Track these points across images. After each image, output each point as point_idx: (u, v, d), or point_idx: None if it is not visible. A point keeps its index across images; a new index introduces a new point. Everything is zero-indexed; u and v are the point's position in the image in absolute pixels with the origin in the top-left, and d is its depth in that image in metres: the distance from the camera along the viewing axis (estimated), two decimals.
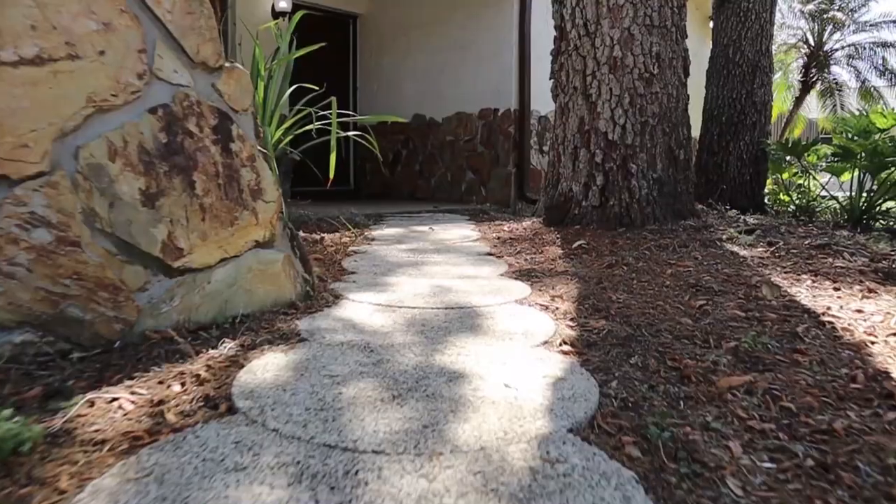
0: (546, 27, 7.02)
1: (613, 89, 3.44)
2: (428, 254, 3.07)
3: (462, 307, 1.96)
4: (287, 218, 3.70)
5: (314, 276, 2.04)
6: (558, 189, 3.73)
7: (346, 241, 3.45)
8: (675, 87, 3.55)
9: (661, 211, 3.50)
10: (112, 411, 1.14)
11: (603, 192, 3.51)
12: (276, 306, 1.86)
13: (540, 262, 2.93)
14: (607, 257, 2.97)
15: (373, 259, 2.87)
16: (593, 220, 3.53)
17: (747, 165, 5.51)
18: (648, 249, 3.07)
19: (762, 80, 5.53)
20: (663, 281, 2.40)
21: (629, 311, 1.98)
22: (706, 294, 2.19)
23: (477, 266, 2.75)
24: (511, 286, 2.31)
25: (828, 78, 11.74)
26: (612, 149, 3.47)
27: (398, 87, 7.89)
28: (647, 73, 3.44)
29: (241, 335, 1.62)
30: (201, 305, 1.71)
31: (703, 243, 3.16)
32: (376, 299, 2.04)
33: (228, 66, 1.75)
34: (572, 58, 3.56)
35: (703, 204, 4.42)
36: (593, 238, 3.35)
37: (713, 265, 2.69)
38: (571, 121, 3.60)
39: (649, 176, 3.49)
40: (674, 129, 3.56)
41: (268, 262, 1.85)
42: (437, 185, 7.45)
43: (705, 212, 3.98)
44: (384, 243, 3.42)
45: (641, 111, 3.46)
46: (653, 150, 3.49)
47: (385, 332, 1.67)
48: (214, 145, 1.70)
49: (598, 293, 2.22)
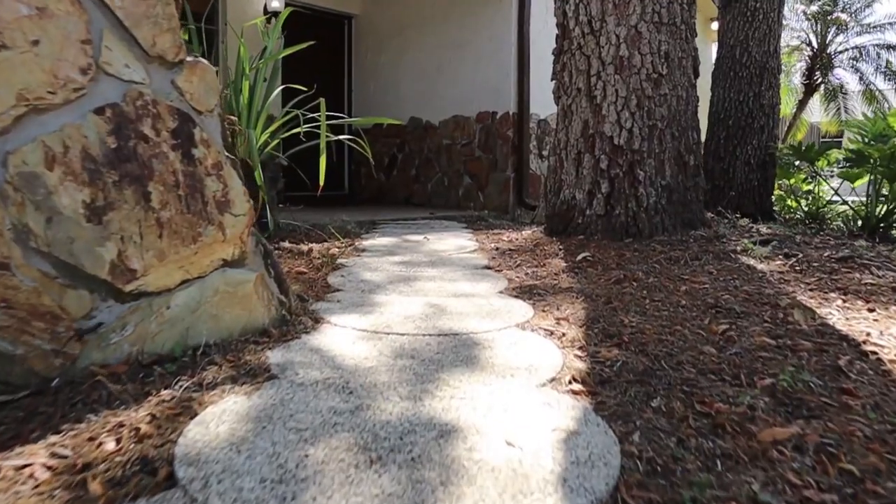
0: (546, 27, 6.82)
1: (619, 91, 3.24)
2: (421, 267, 2.85)
3: (457, 334, 1.74)
4: (274, 226, 3.48)
5: (291, 298, 1.82)
6: (560, 197, 3.52)
7: (335, 252, 3.23)
8: (684, 88, 3.34)
9: (670, 220, 3.29)
10: (20, 482, 0.92)
11: (608, 200, 3.30)
12: (247, 333, 1.64)
13: (542, 276, 2.72)
14: (614, 271, 2.75)
15: (361, 274, 2.65)
16: (598, 230, 3.32)
17: (755, 171, 5.30)
18: (658, 263, 2.86)
19: (770, 81, 5.33)
20: (678, 300, 2.19)
21: (644, 338, 1.76)
22: (728, 316, 1.98)
23: (474, 282, 2.53)
24: (512, 306, 2.10)
25: (831, 81, 11.57)
26: (618, 154, 3.26)
27: (394, 88, 7.68)
28: (656, 73, 3.23)
29: (202, 370, 1.40)
30: (159, 334, 1.49)
31: (716, 256, 2.95)
32: (361, 323, 1.82)
33: (191, 61, 1.53)
34: (575, 57, 3.36)
35: (711, 212, 4.21)
36: (598, 250, 3.14)
37: (731, 281, 2.47)
38: (575, 124, 3.39)
39: (658, 183, 3.28)
40: (683, 133, 3.35)
41: (237, 283, 1.63)
42: (434, 190, 7.24)
43: (715, 221, 3.77)
44: (375, 255, 3.20)
45: (649, 114, 3.25)
46: (661, 156, 3.28)
47: (368, 366, 1.45)
48: (174, 151, 1.49)
49: (607, 315, 2.01)
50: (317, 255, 3.11)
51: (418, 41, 7.35)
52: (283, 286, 1.77)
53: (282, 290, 1.76)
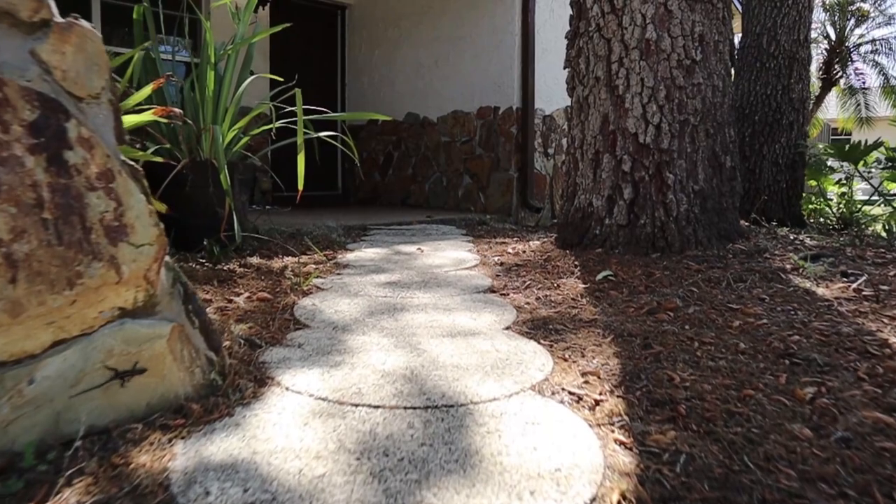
0: (551, 16, 6.34)
1: (646, 80, 2.76)
2: (411, 290, 2.38)
3: (450, 405, 1.27)
4: (241, 238, 3.00)
5: (225, 354, 1.34)
6: (575, 203, 3.05)
7: (312, 269, 2.75)
8: (720, 77, 2.87)
9: (704, 232, 2.81)
10: None
11: (632, 207, 2.82)
12: (156, 411, 1.17)
13: (557, 302, 2.24)
14: (644, 296, 2.28)
15: (337, 301, 2.18)
16: (619, 243, 2.84)
17: (783, 171, 4.82)
18: (696, 285, 2.38)
19: (800, 73, 4.85)
20: (734, 342, 1.71)
21: (707, 407, 1.29)
22: (809, 371, 1.50)
23: (475, 312, 2.06)
24: (523, 352, 1.62)
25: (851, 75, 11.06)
26: (644, 154, 2.79)
27: (390, 82, 7.21)
28: (688, 59, 2.75)
29: (61, 489, 0.93)
30: (13, 422, 1.02)
31: (763, 276, 2.48)
32: (322, 386, 1.35)
33: (62, 23, 1.06)
34: (594, 41, 2.88)
35: (743, 218, 3.74)
36: (621, 267, 2.66)
37: (792, 314, 2.00)
38: (592, 119, 2.91)
39: (689, 188, 2.80)
40: (719, 130, 2.88)
41: (143, 340, 1.16)
42: (432, 190, 6.77)
43: (753, 231, 3.29)
44: (359, 272, 2.73)
45: (680, 107, 2.77)
46: (694, 157, 2.81)
47: (317, 475, 0.98)
48: (33, 155, 1.01)
49: (649, 367, 1.53)
50: (289, 273, 2.64)
51: (415, 33, 6.87)
52: (213, 338, 1.30)
53: (211, 343, 1.29)
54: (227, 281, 2.43)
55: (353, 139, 7.80)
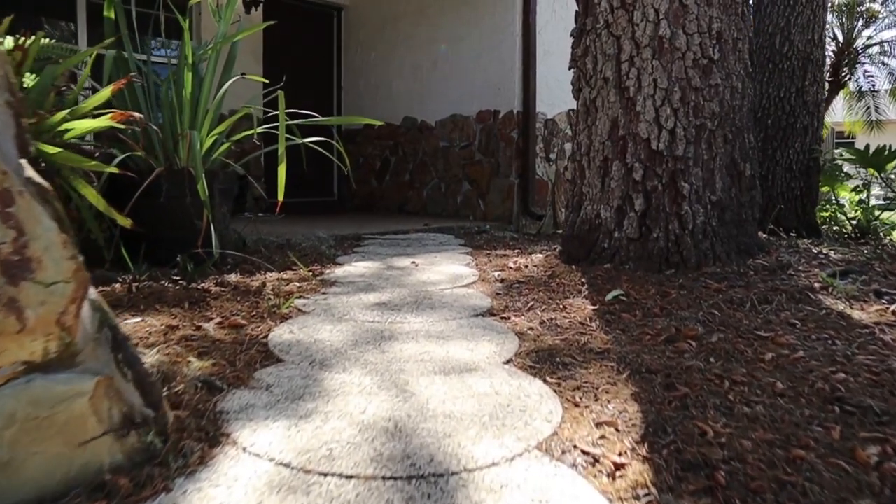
0: (553, 16, 6.11)
1: (659, 81, 2.53)
2: (402, 313, 2.15)
3: (439, 474, 1.04)
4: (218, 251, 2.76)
5: (167, 410, 1.12)
6: (581, 214, 2.82)
7: (295, 287, 2.53)
8: (739, 77, 2.64)
9: (722, 246, 2.59)
10: None
11: (643, 219, 2.59)
12: (73, 487, 0.94)
13: (563, 327, 2.01)
14: (660, 320, 2.05)
15: (319, 328, 1.95)
16: (630, 258, 2.61)
17: (797, 178, 4.60)
18: (717, 307, 2.15)
19: (815, 75, 4.63)
20: (771, 381, 1.49)
21: (751, 475, 1.06)
22: (864, 420, 1.28)
23: (472, 340, 1.83)
24: (527, 395, 1.39)
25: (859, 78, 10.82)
26: (657, 161, 2.56)
27: (387, 85, 6.99)
28: (705, 58, 2.53)
29: None
30: None
31: (790, 297, 2.25)
32: (287, 446, 1.12)
33: None
34: (602, 38, 2.65)
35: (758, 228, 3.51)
36: (633, 285, 2.44)
37: (830, 343, 1.77)
38: (600, 123, 2.69)
39: (706, 199, 2.57)
40: (738, 135, 2.65)
41: (56, 399, 0.93)
42: (430, 196, 6.54)
43: (773, 244, 3.06)
44: (346, 291, 2.50)
45: (696, 111, 2.55)
46: (711, 164, 2.58)
47: None
48: None
49: (675, 415, 1.31)
50: (270, 291, 2.41)
51: (413, 34, 6.66)
52: (152, 391, 1.07)
53: (149, 398, 1.06)
54: (199, 302, 2.21)
55: (349, 144, 7.61)
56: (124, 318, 1.97)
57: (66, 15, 5.85)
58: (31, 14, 5.63)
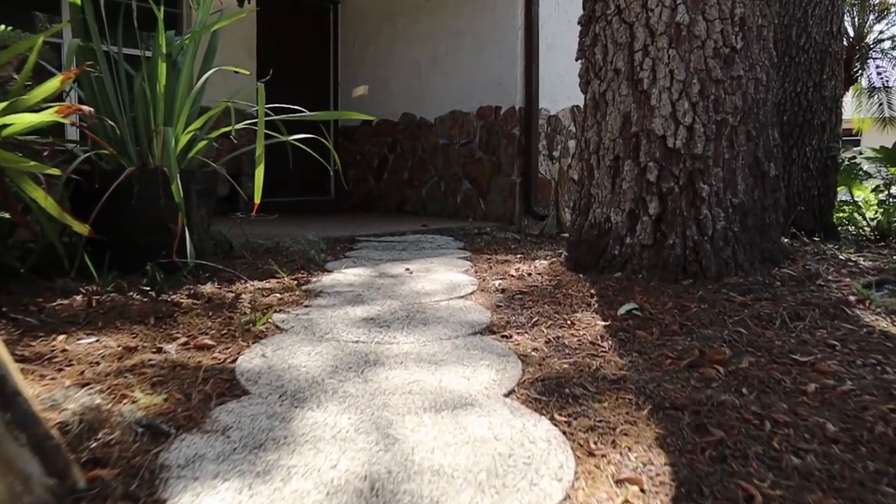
0: (556, 9, 5.86)
1: (676, 72, 2.30)
2: (392, 330, 1.92)
3: None
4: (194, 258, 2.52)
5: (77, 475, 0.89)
6: (589, 218, 2.59)
7: (275, 299, 2.30)
8: (764, 68, 2.41)
9: (745, 254, 2.36)
10: None
11: (658, 224, 2.37)
12: None
13: (572, 348, 1.79)
14: (680, 339, 1.83)
15: (295, 351, 1.73)
16: (643, 267, 2.39)
17: (815, 177, 4.37)
18: (743, 324, 1.93)
19: (833, 69, 4.39)
20: (819, 422, 1.26)
21: None
22: None
23: (468, 365, 1.61)
24: (532, 442, 1.17)
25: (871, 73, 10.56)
26: (674, 161, 2.33)
27: (384, 81, 6.77)
28: (727, 47, 2.30)
29: None
30: None
31: (824, 312, 2.02)
32: None
33: None
34: (613, 26, 2.42)
35: None
36: (647, 297, 2.21)
37: (880, 371, 1.55)
38: (611, 119, 2.46)
39: (727, 201, 2.35)
40: (762, 132, 2.42)
41: None
42: (429, 196, 6.32)
43: (798, 250, 2.83)
44: (332, 303, 2.28)
45: (717, 105, 2.32)
46: (732, 164, 2.35)
47: None
48: None
49: (712, 470, 1.08)
50: (247, 304, 2.19)
51: (411, 28, 6.43)
52: (55, 456, 0.84)
53: (51, 465, 0.83)
54: (166, 318, 1.98)
55: (346, 141, 7.37)
56: (78, 337, 1.75)
57: (50, 8, 5.64)
58: (15, 8, 5.42)
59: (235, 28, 6.53)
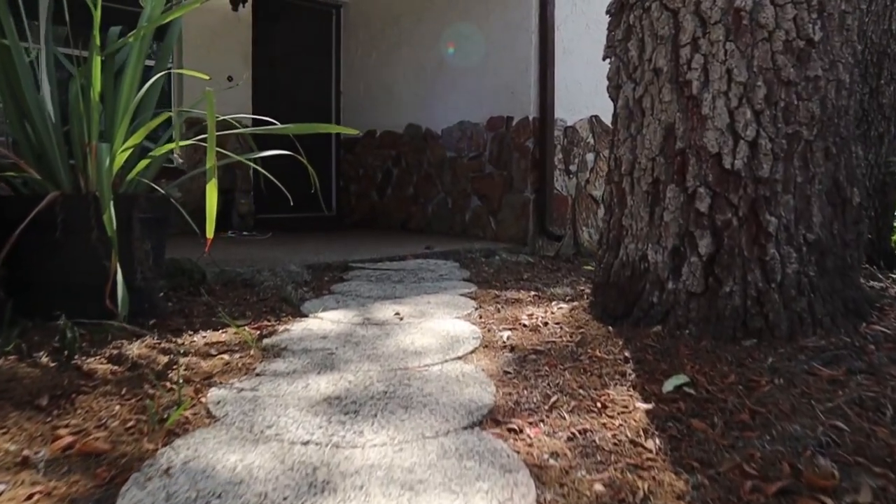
0: (574, 10, 5.34)
1: (735, 71, 1.79)
2: (360, 419, 1.42)
3: None
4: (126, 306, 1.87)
5: None
6: (620, 255, 2.08)
7: (224, 361, 1.81)
8: (847, 67, 1.89)
9: (824, 306, 1.83)
10: None
11: (710, 266, 1.85)
12: None
13: (606, 451, 1.28)
14: (755, 439, 1.31)
15: (217, 457, 1.23)
16: (690, 321, 1.87)
17: (871, 196, 3.81)
18: (841, 414, 1.40)
19: (892, 72, 3.85)
20: None
21: None
22: None
23: (458, 493, 1.10)
24: None
25: None
26: (731, 185, 1.82)
27: (388, 89, 6.32)
28: (802, 39, 1.79)
29: None
30: None
31: None
32: None
33: None
34: (652, 14, 1.91)
35: None
36: (699, 363, 1.69)
37: None
38: (649, 132, 1.95)
39: (800, 237, 1.82)
40: (843, 149, 1.90)
41: None
42: (435, 213, 5.83)
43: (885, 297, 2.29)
44: (291, 370, 1.78)
45: (788, 114, 1.80)
46: (807, 189, 1.83)
47: None
48: None
49: None
50: (180, 375, 1.69)
51: (416, 32, 5.98)
52: None
53: None
54: (64, 397, 1.50)
55: (347, 154, 6.89)
56: None
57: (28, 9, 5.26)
58: None
59: (229, 33, 6.12)
